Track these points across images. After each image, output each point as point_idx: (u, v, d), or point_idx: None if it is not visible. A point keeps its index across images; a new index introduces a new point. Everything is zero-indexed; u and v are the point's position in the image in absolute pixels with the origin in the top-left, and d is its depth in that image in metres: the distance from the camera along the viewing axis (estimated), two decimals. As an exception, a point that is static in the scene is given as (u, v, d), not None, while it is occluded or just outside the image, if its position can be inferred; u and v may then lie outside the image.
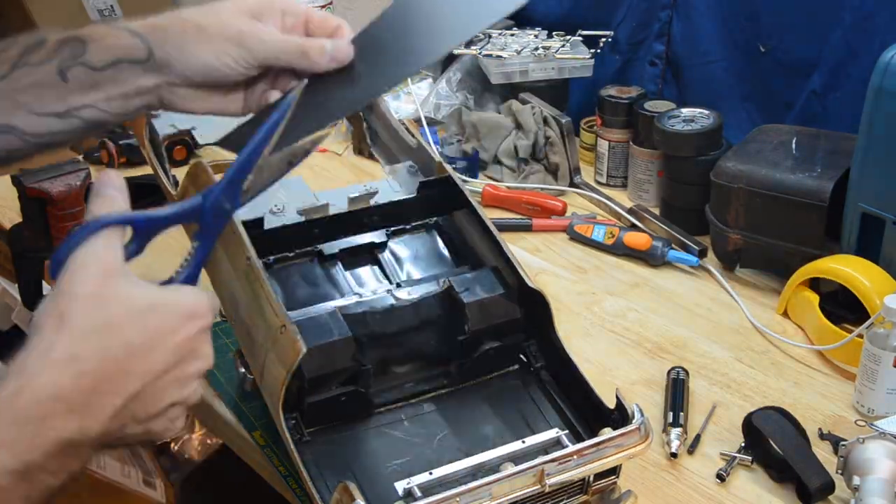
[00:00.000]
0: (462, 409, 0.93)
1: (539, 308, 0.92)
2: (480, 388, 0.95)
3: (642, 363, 1.15)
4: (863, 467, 0.90)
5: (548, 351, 0.95)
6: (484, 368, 0.95)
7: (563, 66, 1.59)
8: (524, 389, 0.95)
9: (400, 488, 0.80)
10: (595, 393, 0.88)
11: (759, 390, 1.10)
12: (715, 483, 0.97)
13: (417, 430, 0.91)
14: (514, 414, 0.92)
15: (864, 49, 1.30)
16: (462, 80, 1.67)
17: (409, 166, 1.06)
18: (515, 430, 0.90)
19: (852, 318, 1.15)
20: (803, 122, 1.41)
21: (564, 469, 0.80)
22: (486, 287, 0.92)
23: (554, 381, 0.94)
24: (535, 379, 0.95)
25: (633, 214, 1.43)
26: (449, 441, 0.89)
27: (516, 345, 0.95)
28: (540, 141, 1.52)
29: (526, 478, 0.78)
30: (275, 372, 0.83)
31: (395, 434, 0.90)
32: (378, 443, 0.89)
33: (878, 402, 1.03)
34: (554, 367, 0.94)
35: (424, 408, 0.93)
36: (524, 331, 0.95)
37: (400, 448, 0.89)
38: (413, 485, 0.80)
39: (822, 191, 1.18)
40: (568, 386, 0.92)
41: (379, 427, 0.91)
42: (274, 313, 0.84)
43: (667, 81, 1.61)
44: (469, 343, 0.92)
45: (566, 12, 1.70)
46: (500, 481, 0.77)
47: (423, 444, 0.89)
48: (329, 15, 0.84)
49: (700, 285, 1.30)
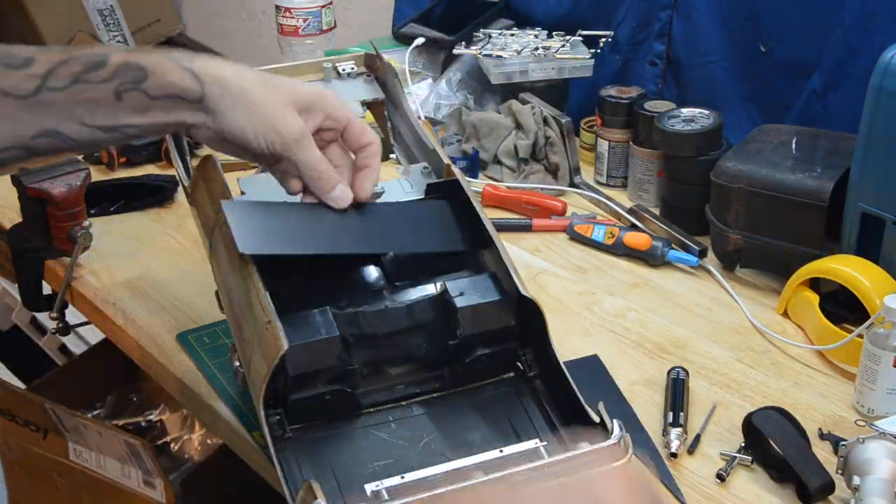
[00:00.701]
0: (451, 414, 0.92)
1: (534, 317, 0.91)
2: (472, 394, 0.94)
3: (642, 363, 1.15)
4: (863, 467, 0.90)
5: (542, 360, 0.94)
6: (476, 374, 0.94)
7: (563, 66, 1.59)
8: (516, 398, 0.93)
9: (368, 490, 0.79)
10: (582, 404, 0.86)
11: (759, 390, 1.10)
12: (715, 483, 0.97)
13: (404, 433, 0.89)
14: (504, 422, 0.91)
15: (865, 49, 1.30)
16: (462, 80, 1.67)
17: (423, 167, 1.06)
18: (503, 439, 0.88)
19: (852, 318, 1.15)
20: (803, 122, 1.40)
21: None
22: (481, 293, 0.91)
23: (547, 392, 0.93)
24: (529, 388, 0.94)
25: (633, 214, 1.43)
26: (434, 445, 0.88)
27: (511, 352, 0.94)
28: (540, 141, 1.52)
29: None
30: (258, 367, 0.83)
31: (381, 436, 0.89)
32: (362, 444, 0.88)
33: (878, 402, 1.03)
34: (547, 376, 0.94)
35: (413, 410, 0.92)
36: (520, 339, 0.93)
37: (384, 450, 0.88)
38: (382, 488, 0.79)
39: (822, 191, 1.18)
40: (559, 396, 0.92)
41: (365, 428, 0.90)
42: (262, 308, 0.84)
43: (667, 81, 1.61)
44: (461, 348, 0.91)
45: (566, 12, 1.70)
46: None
47: (407, 447, 0.88)
48: (367, 129, 0.92)
49: (700, 285, 1.30)
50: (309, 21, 1.77)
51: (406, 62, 1.71)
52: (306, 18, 1.77)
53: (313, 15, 1.77)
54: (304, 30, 1.77)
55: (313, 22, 1.77)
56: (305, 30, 1.77)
